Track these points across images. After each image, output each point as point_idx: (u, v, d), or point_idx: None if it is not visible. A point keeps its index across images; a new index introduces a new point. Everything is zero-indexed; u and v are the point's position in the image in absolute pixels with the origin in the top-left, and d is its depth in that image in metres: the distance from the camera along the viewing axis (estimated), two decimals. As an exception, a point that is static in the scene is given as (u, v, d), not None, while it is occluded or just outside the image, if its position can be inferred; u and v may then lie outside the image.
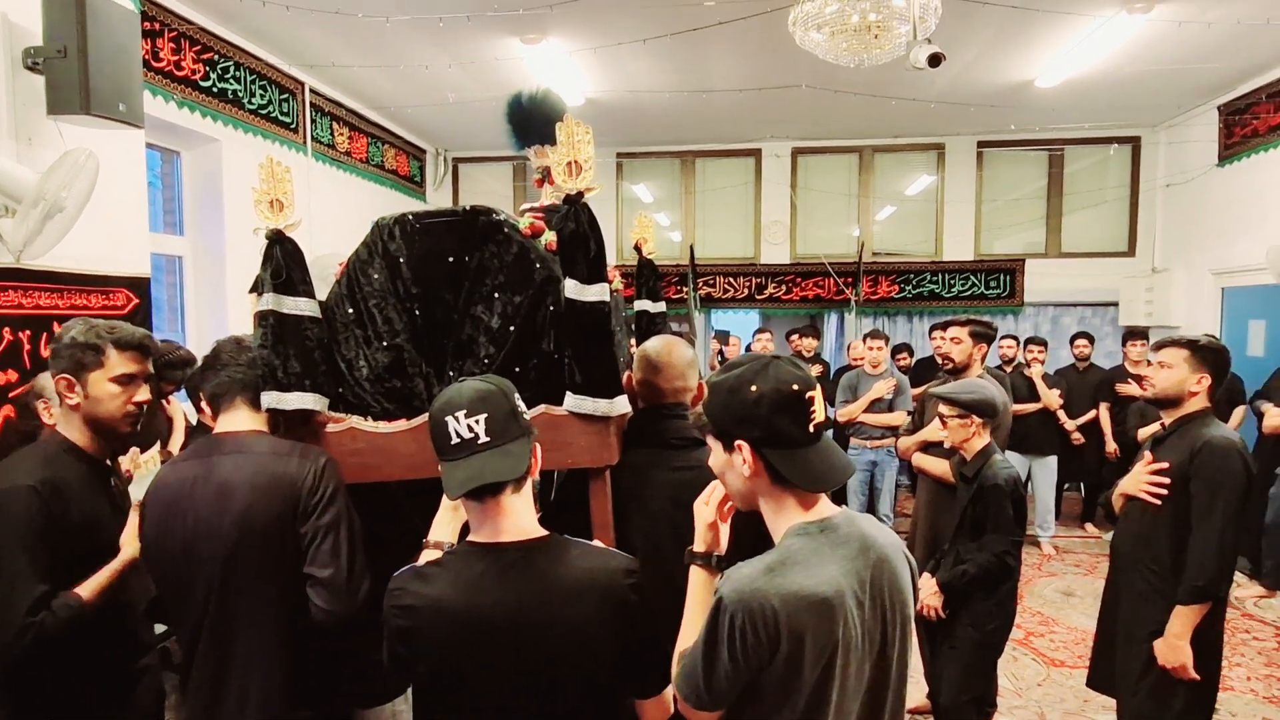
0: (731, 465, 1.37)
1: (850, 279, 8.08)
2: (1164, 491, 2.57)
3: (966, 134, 8.07)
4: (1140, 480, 2.66)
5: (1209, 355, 2.59)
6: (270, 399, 1.81)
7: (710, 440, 1.42)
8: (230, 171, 5.06)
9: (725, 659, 1.25)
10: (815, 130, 7.98)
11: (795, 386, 1.31)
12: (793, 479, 1.32)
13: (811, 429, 1.33)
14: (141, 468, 2.88)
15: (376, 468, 1.90)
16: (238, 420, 1.84)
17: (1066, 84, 6.21)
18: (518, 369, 1.90)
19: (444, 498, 1.73)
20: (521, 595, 1.36)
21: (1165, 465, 2.58)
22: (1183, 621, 2.48)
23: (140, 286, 3.59)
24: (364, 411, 1.96)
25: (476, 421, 1.38)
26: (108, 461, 2.04)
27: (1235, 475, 2.47)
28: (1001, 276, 8.08)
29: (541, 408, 1.84)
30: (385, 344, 1.96)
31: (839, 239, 8.54)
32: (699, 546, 1.51)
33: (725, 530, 1.54)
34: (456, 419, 1.38)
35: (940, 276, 8.17)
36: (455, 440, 1.38)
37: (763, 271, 8.43)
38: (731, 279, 8.43)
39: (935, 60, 3.28)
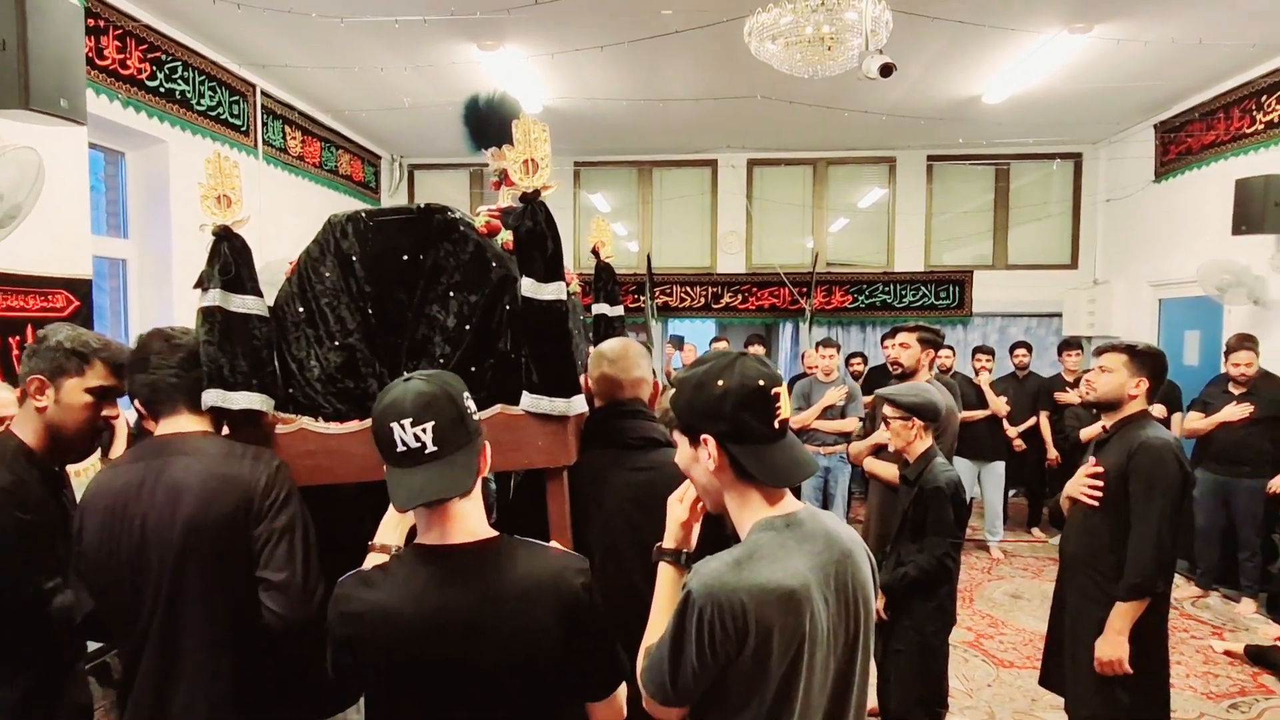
0: (697, 460, 1.38)
1: (804, 289, 8.19)
2: (1099, 493, 2.65)
3: (917, 148, 8.25)
4: (1080, 483, 2.74)
5: (1147, 360, 2.69)
6: (214, 397, 1.75)
7: (677, 435, 1.43)
8: (177, 174, 4.94)
9: (693, 654, 1.25)
10: (770, 142, 8.10)
11: (761, 383, 1.32)
12: (756, 474, 1.33)
13: (776, 425, 1.34)
14: (81, 475, 2.79)
15: (328, 470, 1.86)
16: (180, 424, 1.78)
17: (1012, 100, 6.40)
18: (474, 369, 1.88)
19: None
20: (471, 598, 1.34)
21: (1101, 470, 2.67)
22: (1122, 618, 2.54)
23: (81, 289, 3.49)
24: (315, 412, 1.92)
25: (423, 430, 1.33)
26: (56, 469, 1.97)
27: (1170, 474, 2.55)
28: (951, 287, 8.28)
29: (498, 408, 1.82)
30: (337, 343, 1.92)
31: (793, 250, 8.66)
32: (669, 543, 1.51)
33: (695, 529, 1.54)
34: (402, 427, 1.33)
35: (892, 287, 8.33)
36: (401, 448, 1.34)
37: (719, 281, 8.51)
38: (688, 288, 8.49)
39: (886, 70, 3.35)
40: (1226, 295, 5.66)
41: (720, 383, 1.32)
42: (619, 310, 2.81)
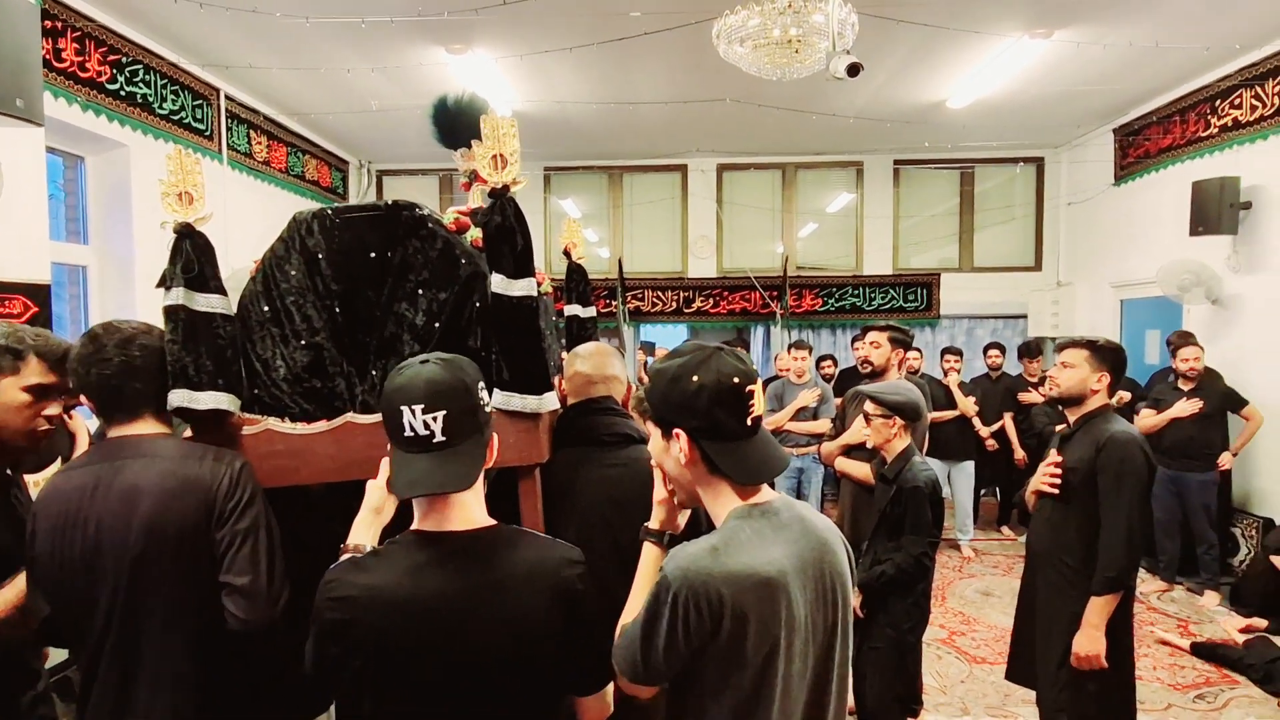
0: (669, 452, 1.38)
1: (775, 292, 8.24)
2: (1058, 483, 2.70)
3: (883, 152, 8.36)
4: (1041, 476, 2.78)
5: (1107, 354, 2.74)
6: (180, 397, 1.71)
7: (650, 425, 1.43)
8: (139, 179, 4.86)
9: (664, 636, 1.24)
10: (739, 146, 8.15)
11: (736, 380, 1.31)
12: (726, 470, 1.33)
13: (749, 422, 1.33)
14: (39, 485, 2.71)
15: (295, 470, 1.82)
16: (140, 428, 1.72)
17: (975, 105, 6.51)
18: (443, 367, 1.86)
19: (365, 500, 1.67)
20: (468, 584, 1.31)
21: (1060, 460, 2.72)
22: (1098, 612, 2.58)
23: (40, 294, 3.41)
24: (281, 413, 1.89)
25: (434, 419, 1.31)
26: (9, 471, 1.90)
27: (1138, 467, 2.59)
28: (919, 290, 8.38)
29: (468, 405, 1.80)
30: (304, 342, 1.89)
31: (764, 254, 8.71)
32: (654, 524, 1.53)
33: (684, 514, 1.54)
34: (412, 412, 1.31)
35: (861, 290, 8.41)
36: (409, 434, 1.32)
37: (690, 285, 8.54)
38: (659, 293, 8.51)
39: (854, 70, 3.38)
40: (1186, 295, 5.79)
41: (695, 378, 1.32)
42: (591, 311, 2.79)
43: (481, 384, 1.41)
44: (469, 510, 1.39)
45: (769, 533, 1.31)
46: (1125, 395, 5.69)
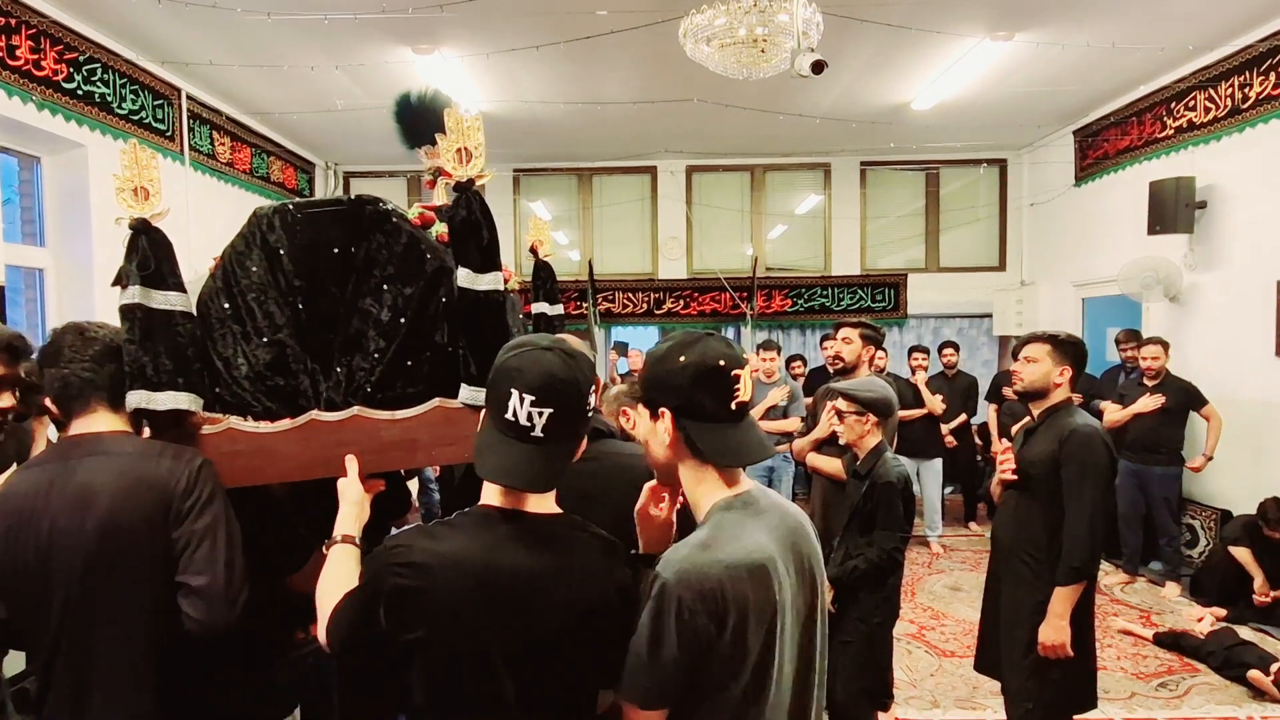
0: (654, 433, 1.39)
1: (745, 293, 8.29)
2: (1011, 471, 2.77)
3: (850, 154, 8.45)
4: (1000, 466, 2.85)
5: (1069, 348, 2.79)
6: (139, 398, 1.68)
7: (640, 407, 1.43)
8: (98, 179, 4.75)
9: (674, 642, 1.23)
10: (708, 147, 8.18)
11: (721, 362, 1.32)
12: (706, 452, 1.34)
13: (733, 406, 1.34)
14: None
15: (258, 470, 1.79)
16: (96, 423, 1.68)
17: (939, 107, 6.60)
18: (410, 363, 1.84)
19: (343, 495, 1.65)
20: (544, 564, 1.30)
21: (1009, 446, 2.82)
22: (1062, 602, 2.62)
23: (-9, 296, 3.32)
24: (244, 411, 1.85)
25: (540, 413, 1.28)
26: None
27: (1100, 459, 2.65)
28: (886, 290, 8.48)
29: (435, 401, 1.78)
30: (266, 340, 1.86)
31: (733, 255, 8.76)
32: (644, 549, 1.53)
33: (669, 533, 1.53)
34: (520, 398, 1.28)
35: (830, 291, 8.49)
36: (510, 417, 1.29)
37: (660, 287, 8.56)
38: (630, 294, 8.52)
39: (818, 67, 3.41)
40: (1147, 294, 5.91)
41: (682, 358, 1.34)
42: (559, 309, 2.78)
43: (594, 387, 1.39)
44: (546, 495, 1.39)
45: (751, 521, 1.33)
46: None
